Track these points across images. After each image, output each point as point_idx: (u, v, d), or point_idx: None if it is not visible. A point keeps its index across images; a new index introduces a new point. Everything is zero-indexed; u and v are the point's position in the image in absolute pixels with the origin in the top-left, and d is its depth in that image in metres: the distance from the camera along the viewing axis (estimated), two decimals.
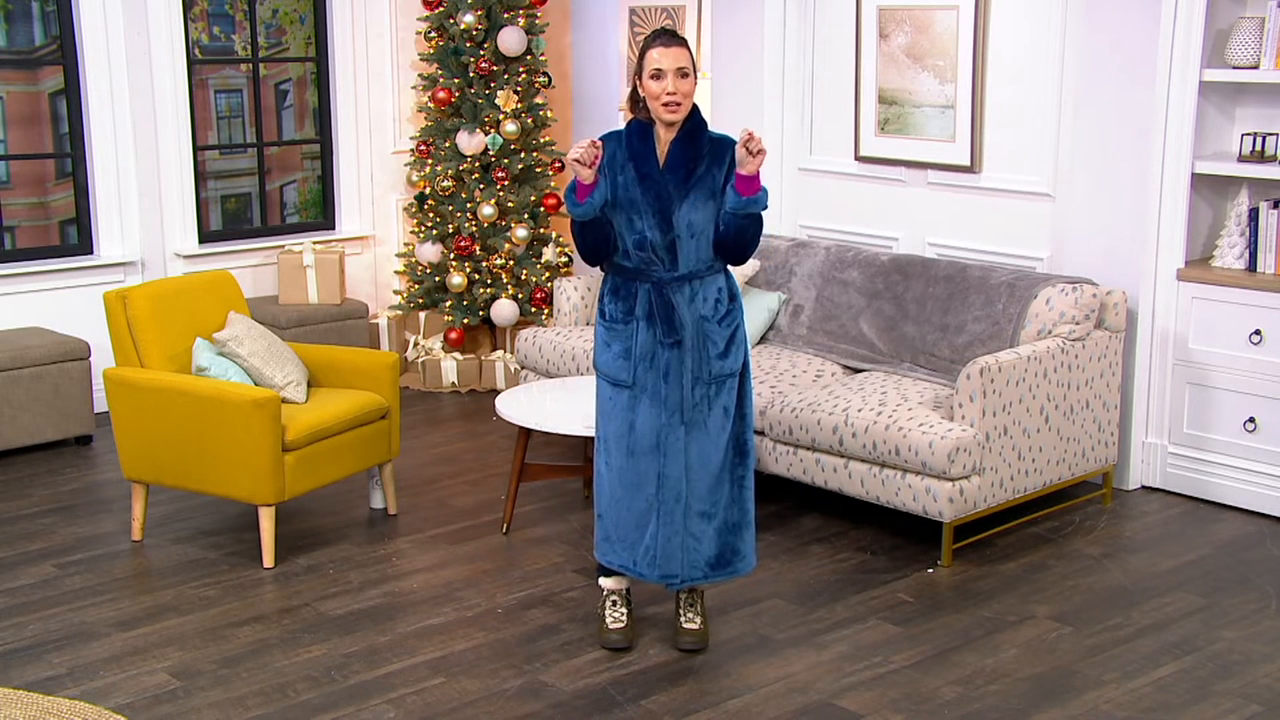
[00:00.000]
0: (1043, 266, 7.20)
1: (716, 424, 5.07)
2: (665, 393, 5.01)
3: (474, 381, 9.07)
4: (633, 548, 5.15)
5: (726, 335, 5.05)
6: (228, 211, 9.09)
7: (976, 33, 7.29)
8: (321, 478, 6.27)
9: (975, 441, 5.99)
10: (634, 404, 5.05)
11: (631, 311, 5.04)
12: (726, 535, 5.16)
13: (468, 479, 7.31)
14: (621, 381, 5.06)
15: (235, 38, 8.97)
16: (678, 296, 4.98)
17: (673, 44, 4.90)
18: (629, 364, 5.04)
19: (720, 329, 5.04)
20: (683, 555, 5.12)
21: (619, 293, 5.07)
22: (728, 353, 5.05)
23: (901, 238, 7.87)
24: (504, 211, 9.01)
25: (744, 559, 5.23)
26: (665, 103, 4.88)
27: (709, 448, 5.07)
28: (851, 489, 6.33)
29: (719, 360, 5.04)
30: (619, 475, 5.11)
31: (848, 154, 8.10)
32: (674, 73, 4.87)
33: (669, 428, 5.03)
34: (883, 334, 7.12)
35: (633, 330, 5.03)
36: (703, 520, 5.11)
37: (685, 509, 5.08)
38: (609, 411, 5.12)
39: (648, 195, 4.93)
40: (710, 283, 5.04)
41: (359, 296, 9.35)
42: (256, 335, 6.49)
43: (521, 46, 8.91)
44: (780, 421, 6.51)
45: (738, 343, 5.08)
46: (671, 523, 5.08)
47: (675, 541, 5.10)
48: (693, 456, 5.06)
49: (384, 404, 6.56)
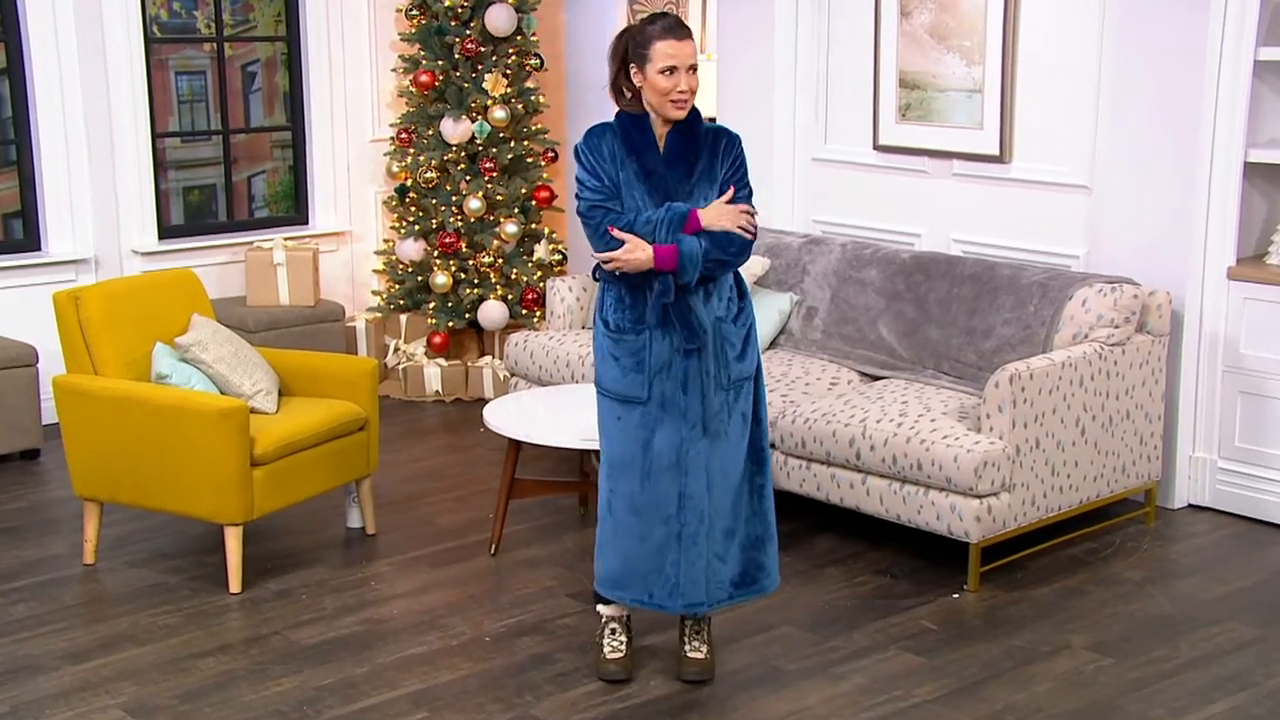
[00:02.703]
0: (1078, 265, 7.19)
1: (736, 432, 5.08)
2: (685, 404, 5.00)
3: (460, 390, 9.07)
4: (646, 579, 5.12)
5: (742, 335, 5.07)
6: (190, 204, 9.09)
7: (1007, 10, 7.29)
8: (293, 495, 6.25)
9: (1004, 455, 5.98)
10: (649, 421, 5.03)
11: (643, 319, 5.01)
12: (750, 551, 5.18)
13: (453, 496, 7.31)
14: (634, 398, 5.03)
15: (198, 14, 8.96)
16: (692, 299, 4.97)
17: (685, 37, 4.91)
18: (642, 378, 5.01)
19: (736, 329, 5.06)
20: (708, 578, 5.11)
21: (625, 300, 5.05)
22: (744, 354, 5.07)
23: (924, 234, 7.87)
24: (492, 205, 9.02)
25: (769, 575, 5.25)
26: (675, 100, 4.89)
27: (729, 459, 5.08)
28: (870, 507, 6.32)
29: (738, 362, 5.05)
30: (630, 502, 5.08)
31: (865, 143, 8.10)
32: (686, 71, 4.89)
33: (690, 441, 5.01)
34: (903, 338, 7.11)
35: (645, 340, 5.00)
36: (726, 538, 5.12)
37: (709, 528, 5.07)
38: (616, 433, 5.09)
39: (654, 193, 4.94)
40: (722, 281, 5.05)
41: (334, 297, 9.35)
42: (222, 340, 6.47)
43: (511, 25, 8.92)
44: (792, 433, 6.50)
45: (752, 343, 5.11)
46: (694, 545, 5.06)
47: (699, 566, 5.08)
48: (715, 470, 5.06)
49: (362, 414, 6.56)
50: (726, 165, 5.00)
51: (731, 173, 5.02)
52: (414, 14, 9.02)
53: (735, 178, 5.02)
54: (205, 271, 8.53)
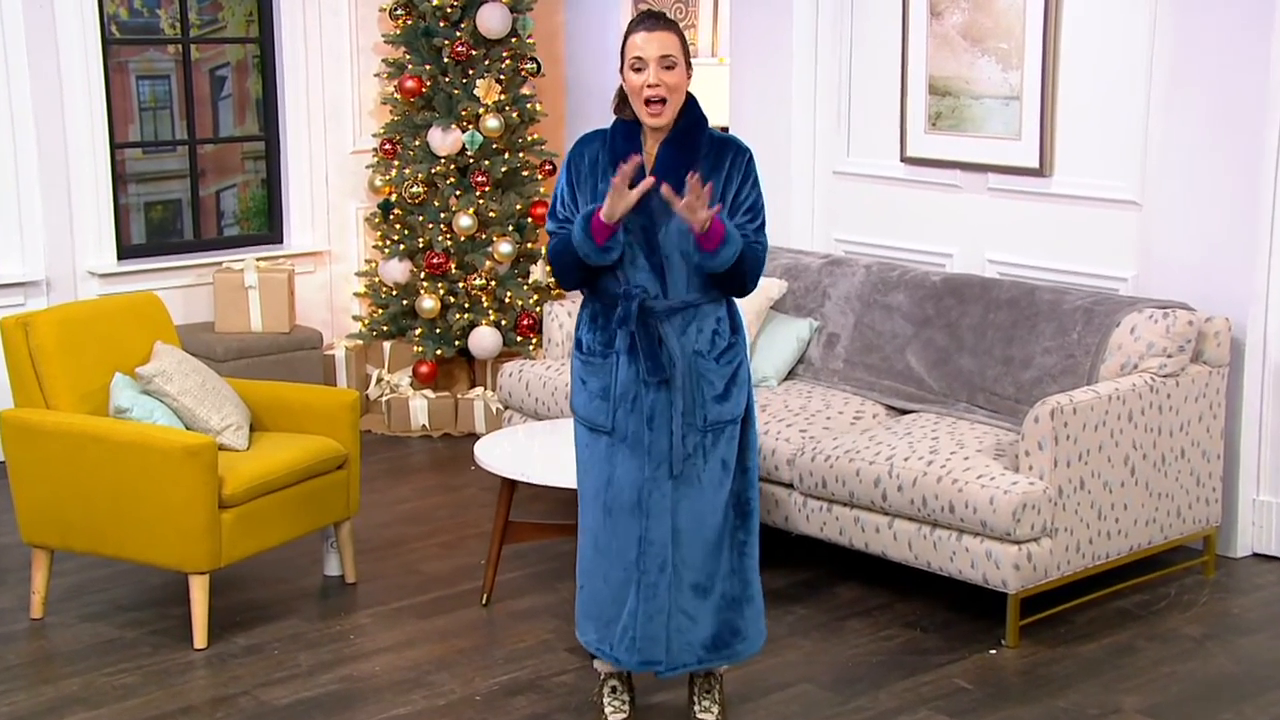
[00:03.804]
0: (1127, 288, 7.19)
1: (713, 480, 5.03)
2: (649, 441, 4.97)
3: (448, 424, 9.09)
4: (608, 626, 5.13)
5: (726, 375, 5.01)
6: (152, 221, 9.11)
7: (1048, 8, 7.30)
8: (265, 540, 6.24)
9: (1046, 497, 5.97)
10: (612, 453, 5.03)
11: (611, 343, 5.01)
12: (725, 612, 5.13)
13: (440, 540, 7.31)
14: (599, 426, 5.05)
15: (161, 13, 8.99)
16: (666, 327, 4.94)
17: (657, 28, 4.86)
18: (607, 405, 5.02)
19: (718, 367, 5.00)
20: (671, 636, 5.07)
21: (598, 320, 5.06)
22: (727, 395, 5.01)
23: (956, 254, 7.88)
24: (484, 223, 9.04)
25: (746, 639, 5.20)
26: (647, 99, 4.84)
27: (704, 508, 5.03)
28: (897, 553, 6.31)
29: (716, 404, 5.00)
30: (595, 539, 5.10)
31: (892, 155, 8.11)
32: (657, 62, 4.82)
33: (653, 482, 4.99)
34: (934, 368, 7.11)
35: (612, 365, 5.01)
36: (697, 595, 5.07)
37: (673, 581, 5.04)
38: (585, 462, 5.13)
39: (635, 212, 4.86)
40: (707, 312, 5.01)
41: (311, 323, 9.36)
42: (188, 370, 6.47)
43: (505, 27, 8.94)
44: (812, 472, 6.50)
45: (740, 383, 5.05)
46: (654, 598, 5.04)
47: (659, 621, 5.06)
48: (683, 518, 5.02)
49: (341, 451, 6.56)
50: (738, 182, 4.94)
51: (743, 191, 4.96)
52: (399, 14, 9.04)
53: (747, 200, 4.96)
54: (169, 295, 8.52)
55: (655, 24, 4.86)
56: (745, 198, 4.95)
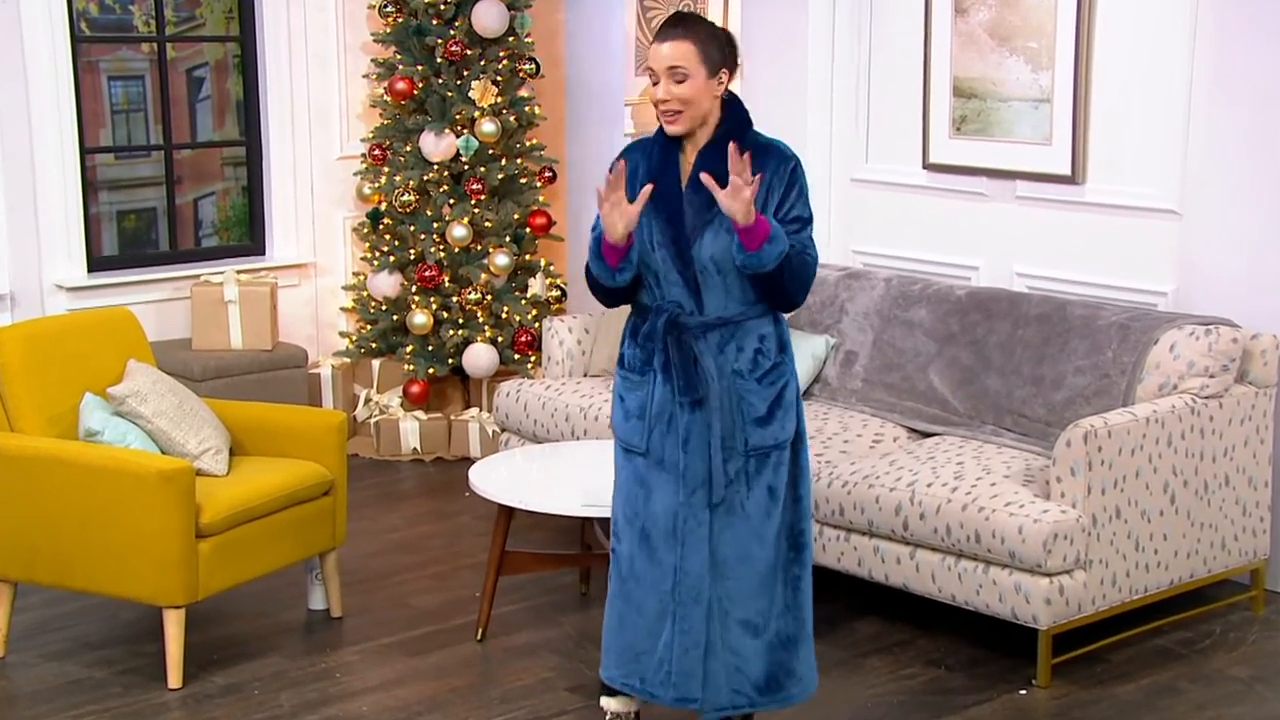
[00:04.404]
0: (1166, 303, 7.19)
1: (759, 509, 5.00)
2: (685, 465, 4.96)
3: (441, 448, 9.10)
4: (640, 660, 5.10)
5: (770, 396, 4.99)
6: (125, 232, 9.12)
7: (1081, 4, 7.30)
8: (245, 571, 6.24)
9: (1079, 527, 5.95)
10: (647, 476, 5.03)
11: (650, 360, 5.02)
12: (778, 652, 5.09)
13: (433, 572, 7.31)
14: (634, 447, 5.05)
15: (134, 9, 9.00)
16: (701, 344, 4.95)
17: (668, 37, 4.90)
18: (643, 425, 5.02)
19: (760, 388, 4.98)
20: (711, 673, 5.04)
21: (638, 335, 5.07)
22: (770, 418, 4.99)
23: (982, 266, 7.89)
24: (480, 233, 9.06)
25: (800, 681, 5.16)
26: (661, 112, 4.92)
27: (749, 540, 5.00)
28: (920, 586, 6.30)
29: (759, 428, 4.97)
30: (631, 564, 5.08)
31: (914, 161, 8.13)
32: (667, 75, 4.88)
33: (688, 509, 4.97)
34: (958, 389, 7.11)
35: (649, 383, 5.02)
36: (746, 632, 5.04)
37: (719, 616, 5.02)
38: (621, 482, 5.13)
39: (668, 225, 4.92)
40: (750, 329, 4.99)
41: (295, 340, 9.36)
42: (163, 390, 6.46)
43: (502, 25, 8.96)
44: (829, 499, 6.50)
45: (786, 406, 5.03)
46: (688, 631, 5.01)
47: (694, 655, 5.02)
48: (727, 549, 5.00)
49: (327, 477, 6.55)
50: (780, 191, 4.92)
51: (787, 200, 4.93)
52: (389, 11, 9.06)
53: (792, 210, 4.92)
54: (143, 310, 8.49)
55: (669, 33, 4.90)
56: (790, 207, 4.92)
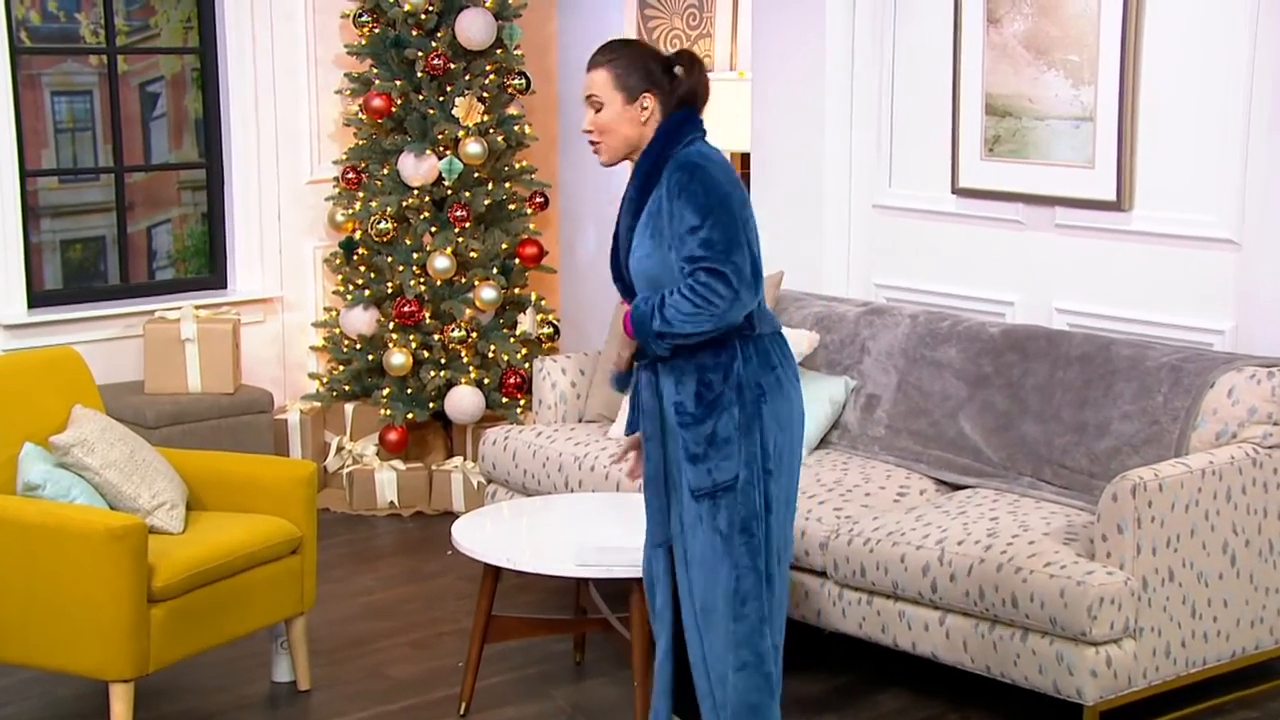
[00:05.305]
0: (1223, 343, 7.17)
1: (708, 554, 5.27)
2: (648, 501, 5.43)
3: (421, 501, 9.12)
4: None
5: (704, 432, 5.18)
6: (71, 263, 9.16)
7: (1128, 13, 7.29)
8: (203, 640, 6.23)
9: (1128, 591, 5.93)
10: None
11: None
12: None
13: (411, 639, 7.31)
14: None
15: (81, 17, 9.04)
16: (645, 374, 5.33)
17: (589, 66, 5.35)
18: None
19: (695, 425, 5.19)
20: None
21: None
22: (705, 457, 5.18)
23: (1018, 302, 7.88)
24: (464, 265, 9.10)
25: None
26: (588, 142, 5.40)
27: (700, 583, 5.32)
28: (950, 655, 6.29)
29: (691, 466, 5.21)
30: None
31: (942, 185, 8.13)
32: (585, 104, 5.35)
33: (649, 547, 5.48)
34: (992, 436, 7.11)
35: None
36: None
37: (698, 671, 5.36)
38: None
39: (618, 250, 5.41)
40: (689, 359, 5.20)
41: (260, 383, 9.37)
42: (113, 439, 6.45)
43: (489, 36, 9.00)
44: (849, 558, 6.49)
45: (720, 443, 5.18)
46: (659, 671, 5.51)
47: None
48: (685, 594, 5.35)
49: (295, 534, 6.56)
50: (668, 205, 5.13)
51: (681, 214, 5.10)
52: (365, 21, 9.10)
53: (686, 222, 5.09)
54: (90, 350, 8.43)
55: (590, 61, 5.35)
56: (684, 221, 5.08)
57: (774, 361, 5.22)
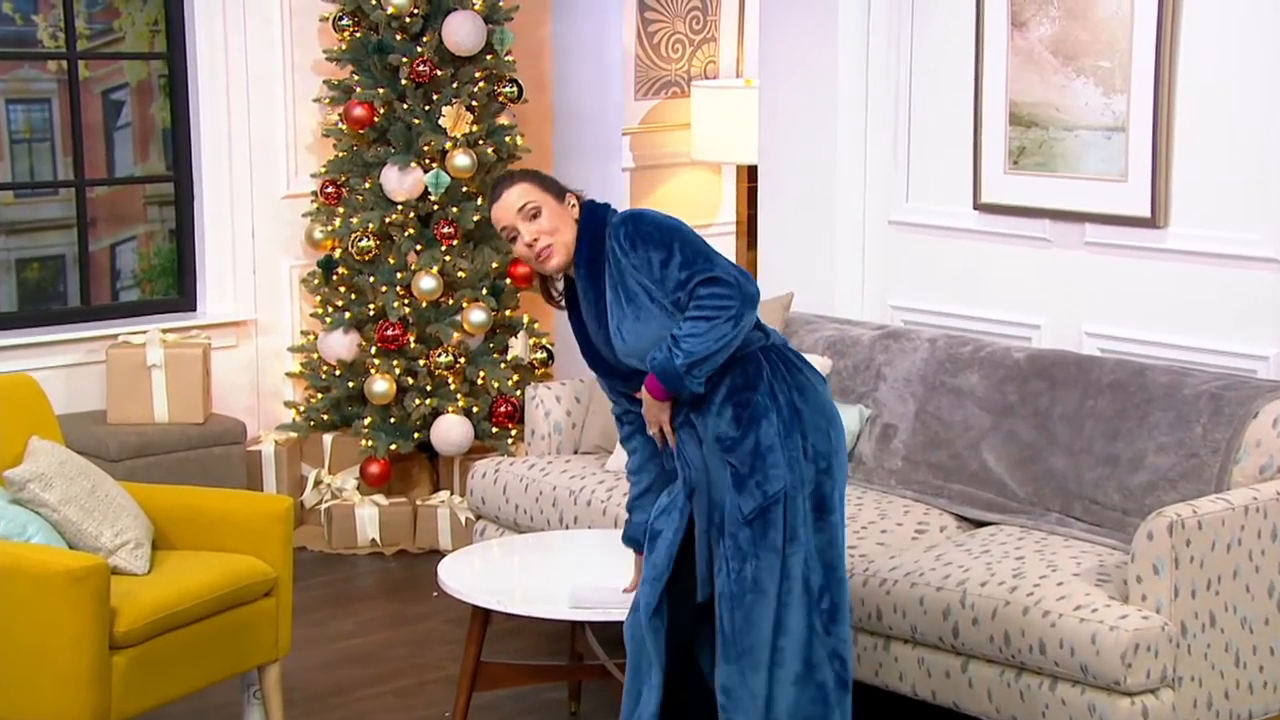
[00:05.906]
0: (1266, 369, 7.16)
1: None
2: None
3: (405, 539, 9.12)
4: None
5: (747, 451, 5.44)
6: (27, 283, 9.19)
7: (1162, 17, 7.29)
8: (169, 689, 6.23)
9: (1165, 636, 5.90)
10: None
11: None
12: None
13: (394, 687, 7.31)
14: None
15: (38, 20, 9.07)
16: (682, 430, 5.57)
17: (503, 189, 5.53)
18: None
19: (738, 445, 5.45)
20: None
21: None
22: (752, 472, 5.43)
23: (1045, 325, 7.88)
24: (451, 285, 9.11)
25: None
26: (535, 255, 5.50)
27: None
28: (974, 705, 6.27)
29: (738, 495, 5.45)
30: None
31: (963, 200, 8.12)
32: (519, 217, 5.49)
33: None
34: (1017, 469, 7.11)
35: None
36: None
37: None
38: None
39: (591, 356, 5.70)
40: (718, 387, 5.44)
41: (232, 412, 9.37)
42: (72, 473, 6.43)
43: (478, 41, 9.01)
44: (864, 600, 6.50)
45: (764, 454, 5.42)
46: None
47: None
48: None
49: (269, 574, 6.57)
50: (628, 260, 5.38)
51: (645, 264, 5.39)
52: (345, 24, 9.11)
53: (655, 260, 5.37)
54: (48, 377, 8.42)
55: (501, 187, 5.54)
56: (652, 262, 5.36)
57: (798, 364, 5.51)
